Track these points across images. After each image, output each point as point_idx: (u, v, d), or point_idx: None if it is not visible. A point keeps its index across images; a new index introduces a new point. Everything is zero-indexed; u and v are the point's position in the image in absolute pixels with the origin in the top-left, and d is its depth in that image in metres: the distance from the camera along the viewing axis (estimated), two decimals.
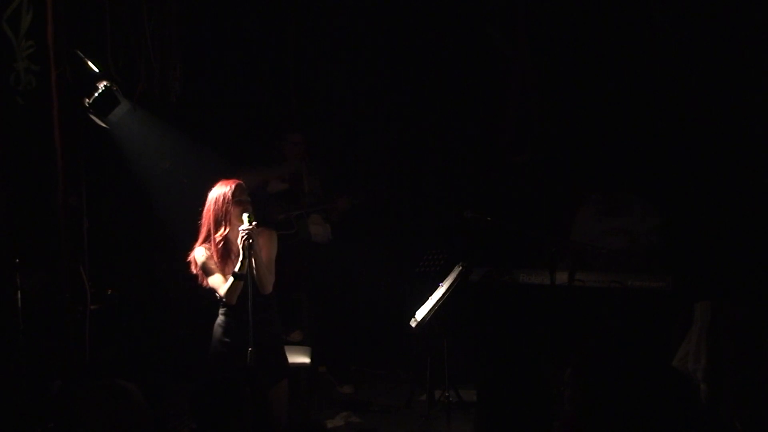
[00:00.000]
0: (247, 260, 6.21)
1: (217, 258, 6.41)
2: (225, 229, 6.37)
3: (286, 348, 6.89)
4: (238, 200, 6.36)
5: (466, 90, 9.78)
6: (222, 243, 6.39)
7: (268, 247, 6.52)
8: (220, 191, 6.41)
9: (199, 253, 6.44)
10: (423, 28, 9.77)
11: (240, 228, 6.24)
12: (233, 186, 6.41)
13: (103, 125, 7.38)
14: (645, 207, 8.06)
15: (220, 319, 6.52)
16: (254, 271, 6.29)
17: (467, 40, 9.73)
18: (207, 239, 6.44)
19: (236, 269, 6.28)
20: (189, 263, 6.51)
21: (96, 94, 7.18)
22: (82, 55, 7.18)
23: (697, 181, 8.46)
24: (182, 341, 8.41)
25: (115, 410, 4.39)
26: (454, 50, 9.79)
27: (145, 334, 8.41)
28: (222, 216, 6.39)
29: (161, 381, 7.89)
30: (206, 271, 6.44)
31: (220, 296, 6.43)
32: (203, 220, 6.46)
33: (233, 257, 6.36)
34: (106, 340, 7.52)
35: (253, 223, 6.24)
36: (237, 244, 6.28)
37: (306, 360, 7.75)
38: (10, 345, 6.60)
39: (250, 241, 6.19)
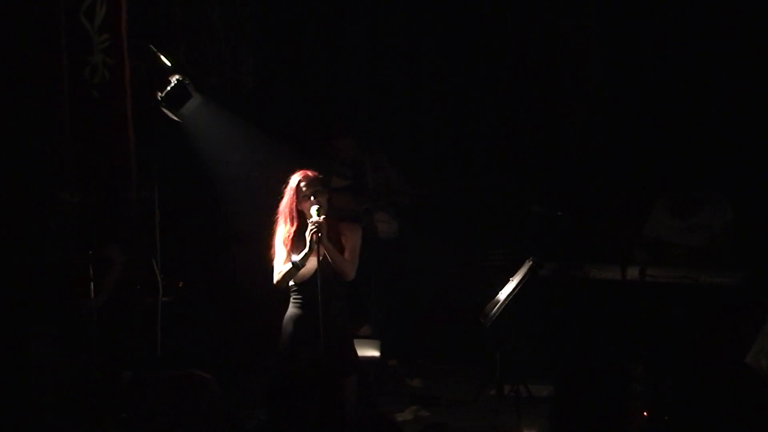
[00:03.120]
0: (311, 252, 6.26)
1: (292, 241, 6.46)
2: (296, 221, 6.43)
3: (356, 342, 6.90)
4: (304, 195, 6.40)
5: (533, 82, 9.71)
6: (296, 231, 6.46)
7: (352, 240, 6.55)
8: (290, 184, 6.47)
9: (280, 231, 6.52)
10: (490, 20, 9.71)
11: (309, 221, 6.27)
12: (298, 179, 6.46)
13: (176, 119, 7.45)
14: (719, 202, 7.93)
15: (290, 310, 6.56)
16: (331, 262, 6.34)
17: (535, 32, 9.65)
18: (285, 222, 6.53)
19: (297, 259, 6.32)
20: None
21: (168, 88, 7.26)
22: (154, 49, 7.26)
23: None
24: (252, 333, 8.45)
25: (191, 400, 4.44)
26: (522, 42, 9.71)
27: (215, 326, 8.47)
28: (291, 209, 6.45)
29: (231, 373, 7.93)
30: (277, 248, 6.51)
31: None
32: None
33: (304, 245, 6.38)
34: (177, 332, 7.59)
35: (322, 216, 6.26)
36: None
37: (376, 353, 7.77)
38: (84, 336, 6.69)
39: (319, 234, 6.22)
